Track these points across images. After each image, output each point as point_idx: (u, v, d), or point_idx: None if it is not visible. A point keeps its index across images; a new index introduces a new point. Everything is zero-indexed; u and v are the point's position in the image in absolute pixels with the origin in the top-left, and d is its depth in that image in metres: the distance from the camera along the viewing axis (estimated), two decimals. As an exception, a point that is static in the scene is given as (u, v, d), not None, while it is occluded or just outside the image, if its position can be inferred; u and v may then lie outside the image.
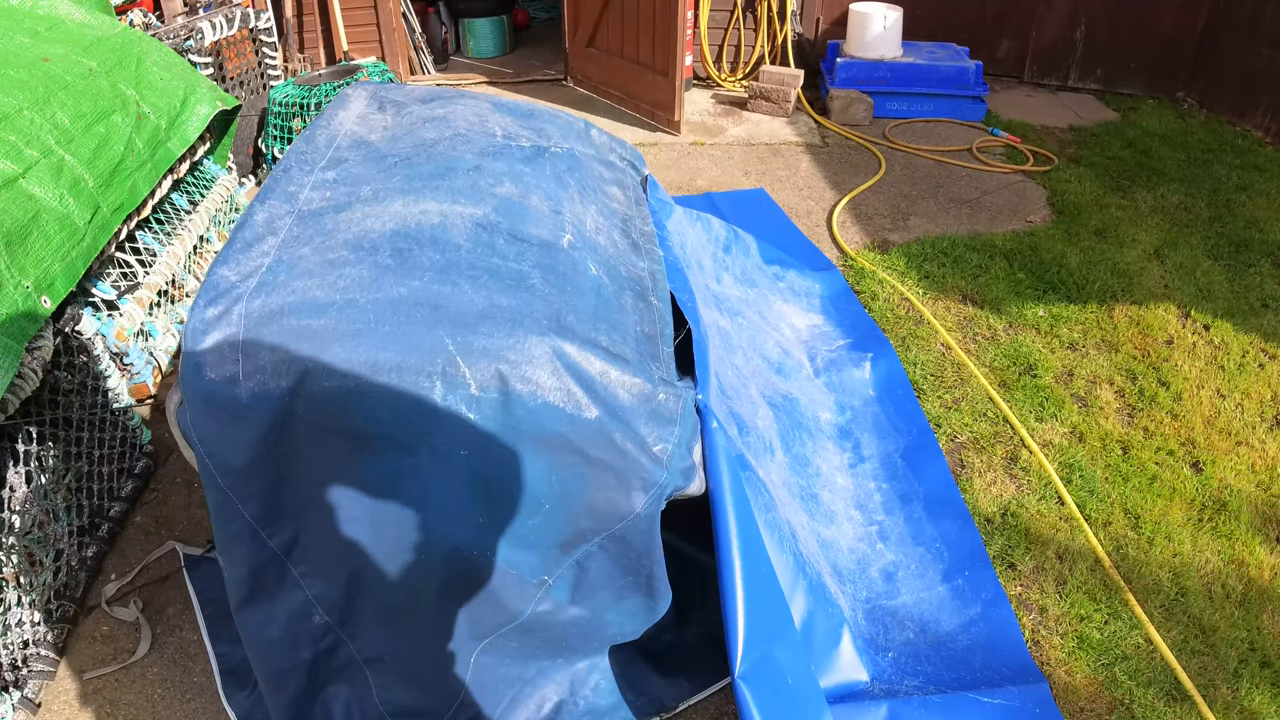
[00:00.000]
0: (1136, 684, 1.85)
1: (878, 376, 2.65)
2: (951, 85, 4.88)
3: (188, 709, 1.78)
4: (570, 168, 1.99)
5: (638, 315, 1.65)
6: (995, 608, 1.98)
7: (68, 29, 2.53)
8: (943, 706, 1.73)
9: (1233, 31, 4.84)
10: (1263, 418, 2.63)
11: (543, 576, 1.52)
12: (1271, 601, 2.04)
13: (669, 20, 4.40)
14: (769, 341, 2.51)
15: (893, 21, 4.84)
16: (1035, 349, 2.89)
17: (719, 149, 4.54)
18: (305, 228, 1.61)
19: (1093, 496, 2.31)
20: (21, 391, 1.71)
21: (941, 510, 2.22)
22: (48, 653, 1.82)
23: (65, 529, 1.99)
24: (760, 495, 1.71)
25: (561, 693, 1.72)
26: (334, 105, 2.13)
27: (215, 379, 1.34)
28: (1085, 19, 5.24)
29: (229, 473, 1.38)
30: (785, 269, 3.01)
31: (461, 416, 1.36)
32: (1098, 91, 5.43)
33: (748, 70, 5.35)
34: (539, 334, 1.41)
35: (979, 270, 3.35)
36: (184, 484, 2.33)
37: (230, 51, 3.75)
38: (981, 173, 4.27)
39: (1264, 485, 2.37)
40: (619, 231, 1.92)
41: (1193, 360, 2.86)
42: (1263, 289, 3.27)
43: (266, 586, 1.49)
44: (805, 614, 1.73)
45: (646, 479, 1.44)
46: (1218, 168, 4.31)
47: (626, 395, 1.44)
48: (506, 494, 1.43)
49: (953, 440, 2.50)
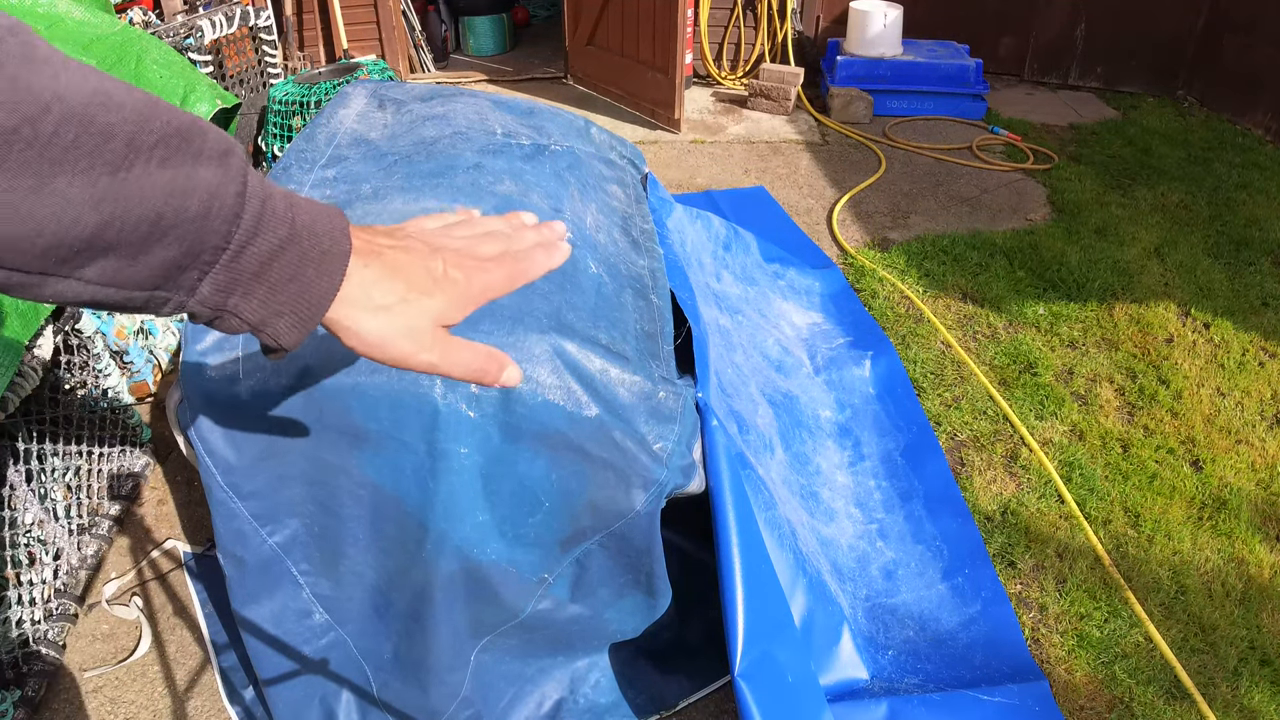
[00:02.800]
0: (1136, 682, 1.85)
1: (878, 374, 2.65)
2: (952, 83, 4.88)
3: (188, 707, 1.78)
4: (570, 166, 1.99)
5: (638, 313, 1.65)
6: (995, 606, 1.98)
7: (67, 27, 2.53)
8: (943, 704, 1.73)
9: (1233, 30, 4.84)
10: (1263, 416, 2.63)
11: (543, 574, 1.52)
12: (1271, 600, 2.04)
13: (669, 18, 4.40)
14: (769, 339, 2.51)
15: (893, 19, 4.83)
16: (1035, 347, 2.89)
17: (719, 147, 4.53)
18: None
19: (1093, 494, 2.31)
20: (22, 390, 1.71)
21: (941, 508, 2.22)
22: (48, 651, 1.82)
23: (65, 527, 1.99)
24: (760, 493, 1.71)
25: (562, 690, 1.72)
26: (334, 103, 2.13)
27: (215, 377, 1.34)
28: (1086, 17, 5.23)
29: (229, 470, 1.38)
30: (785, 267, 3.01)
31: (461, 414, 1.36)
32: (1098, 90, 5.42)
33: (748, 68, 5.35)
34: (539, 332, 1.41)
35: (979, 268, 3.35)
36: (184, 482, 2.33)
37: (230, 49, 3.74)
38: (982, 171, 4.27)
39: (1264, 483, 2.37)
40: (619, 229, 1.92)
41: (1193, 358, 2.86)
42: (1263, 287, 3.27)
43: (266, 584, 1.49)
44: (805, 612, 1.73)
45: (646, 477, 1.44)
46: (1218, 166, 4.31)
47: (626, 393, 1.44)
48: (506, 492, 1.43)
49: (953, 438, 2.50)
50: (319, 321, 0.51)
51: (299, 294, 0.49)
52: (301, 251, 0.49)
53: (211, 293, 0.46)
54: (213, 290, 0.46)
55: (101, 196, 0.40)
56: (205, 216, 0.44)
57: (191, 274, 0.45)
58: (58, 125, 0.38)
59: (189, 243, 0.44)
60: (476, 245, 0.59)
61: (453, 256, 0.56)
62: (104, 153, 0.40)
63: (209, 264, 0.45)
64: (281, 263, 0.48)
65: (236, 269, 0.47)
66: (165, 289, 0.45)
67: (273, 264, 0.48)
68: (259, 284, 0.48)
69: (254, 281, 0.47)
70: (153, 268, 0.44)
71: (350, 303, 0.51)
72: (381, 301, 0.52)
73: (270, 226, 0.47)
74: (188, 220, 0.43)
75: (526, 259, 0.60)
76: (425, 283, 0.54)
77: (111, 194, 0.40)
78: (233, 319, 0.48)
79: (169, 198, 0.42)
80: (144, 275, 0.44)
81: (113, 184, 0.40)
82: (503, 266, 0.58)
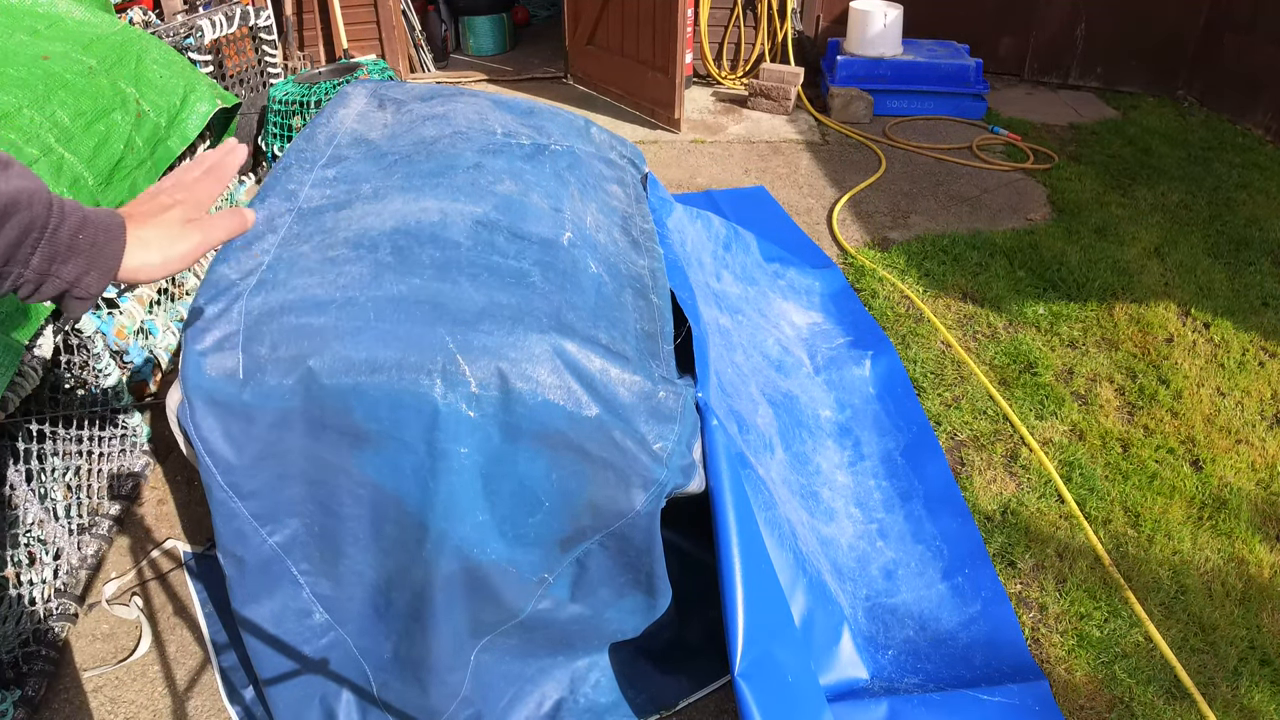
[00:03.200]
0: (1136, 682, 1.85)
1: (878, 374, 2.65)
2: (952, 83, 4.88)
3: (188, 707, 1.78)
4: (570, 165, 1.99)
5: (638, 313, 1.65)
6: (995, 605, 1.98)
7: (67, 26, 2.53)
8: (943, 704, 1.73)
9: (1233, 29, 4.84)
10: (1263, 416, 2.63)
11: (543, 574, 1.52)
12: (1271, 599, 2.04)
13: (669, 18, 4.40)
14: (769, 339, 2.51)
15: (893, 19, 4.83)
16: (1035, 347, 2.89)
17: (719, 147, 4.53)
18: (305, 225, 1.61)
19: (1092, 494, 2.31)
20: (22, 390, 1.71)
21: (941, 508, 2.22)
22: (48, 651, 1.82)
23: (65, 527, 1.99)
24: (760, 493, 1.71)
25: (562, 690, 1.72)
26: (334, 103, 2.13)
27: (215, 377, 1.34)
28: (1086, 16, 5.23)
29: (229, 470, 1.38)
30: (785, 266, 3.01)
31: (461, 414, 1.36)
32: (1098, 89, 5.42)
33: (748, 68, 5.35)
34: (539, 331, 1.41)
35: (979, 268, 3.35)
36: (184, 482, 2.33)
37: (230, 49, 3.74)
38: (982, 170, 4.27)
39: (1264, 483, 2.37)
40: (619, 229, 1.92)
41: (1193, 358, 2.86)
42: (1263, 287, 3.27)
43: (266, 584, 1.49)
44: (805, 612, 1.73)
45: (646, 477, 1.44)
46: (1218, 166, 4.31)
47: (626, 393, 1.44)
48: (506, 491, 1.43)
49: (953, 438, 2.50)
50: (117, 272, 0.75)
51: (99, 255, 0.74)
52: (95, 227, 0.74)
53: (40, 262, 0.70)
54: (41, 260, 0.70)
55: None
56: (30, 207, 0.69)
57: (26, 249, 0.69)
58: None
59: (24, 226, 0.68)
60: (186, 175, 0.87)
61: (172, 187, 0.85)
62: None
63: (37, 240, 0.70)
64: (84, 236, 0.72)
65: (56, 242, 0.71)
66: (11, 264, 0.69)
67: (78, 237, 0.72)
68: (72, 253, 0.72)
69: (68, 251, 0.72)
70: (2, 249, 0.68)
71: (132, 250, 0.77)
72: (146, 236, 0.78)
73: (70, 213, 0.72)
74: (20, 210, 0.68)
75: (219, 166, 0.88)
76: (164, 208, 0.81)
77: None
78: (55, 280, 0.72)
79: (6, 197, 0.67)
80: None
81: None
82: (209, 176, 0.87)
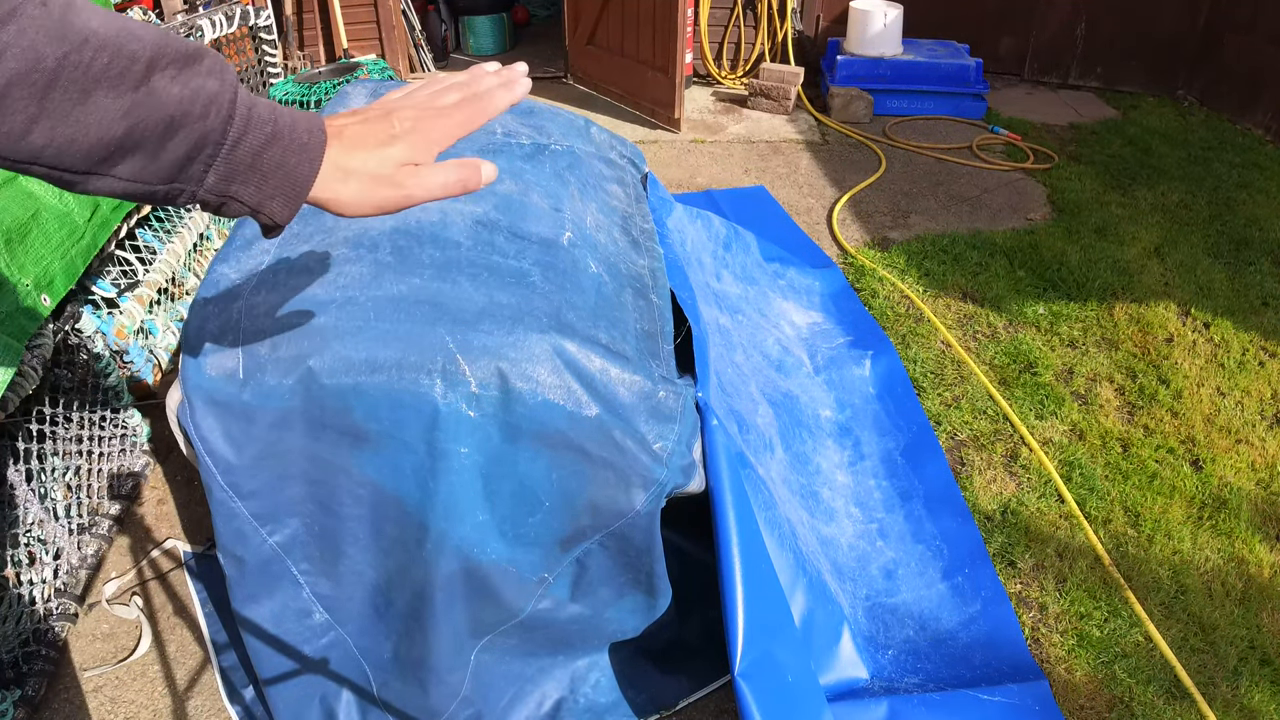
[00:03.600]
0: (1136, 681, 1.85)
1: (878, 374, 2.65)
2: (952, 83, 4.88)
3: (188, 707, 1.78)
4: (570, 165, 1.99)
5: (638, 313, 1.65)
6: (995, 605, 1.98)
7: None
8: (943, 704, 1.73)
9: (1234, 29, 4.84)
10: (1263, 416, 2.63)
11: (543, 574, 1.52)
12: (1271, 599, 2.04)
13: (669, 17, 4.40)
14: (769, 339, 2.51)
15: (893, 19, 4.83)
16: (1035, 347, 2.89)
17: (719, 146, 4.53)
18: (305, 225, 1.61)
19: (1092, 494, 2.31)
20: (21, 389, 1.71)
21: (941, 508, 2.22)
22: (48, 651, 1.82)
23: (65, 527, 1.99)
24: (760, 493, 1.71)
25: (562, 690, 1.72)
26: (334, 103, 2.12)
27: (215, 376, 1.34)
28: (1086, 16, 5.23)
29: (229, 470, 1.38)
30: (785, 266, 3.01)
31: (461, 414, 1.36)
32: (1098, 89, 5.42)
33: (748, 68, 5.35)
34: (539, 331, 1.41)
35: (979, 268, 3.35)
36: (184, 482, 2.33)
37: (230, 49, 3.74)
38: (982, 170, 4.27)
39: (1264, 483, 2.37)
40: (619, 229, 1.92)
41: (1193, 358, 2.86)
42: (1263, 287, 3.27)
43: (266, 584, 1.49)
44: (805, 611, 1.73)
45: (647, 476, 1.44)
46: (1218, 166, 4.31)
47: (626, 393, 1.43)
48: (506, 491, 1.43)
49: (953, 438, 2.50)
50: (305, 200, 0.63)
51: (286, 178, 0.61)
52: (285, 145, 0.60)
53: (216, 181, 0.58)
54: (216, 179, 0.58)
55: (129, 107, 0.52)
56: (206, 117, 0.56)
57: (198, 167, 0.57)
58: (95, 53, 0.50)
59: (195, 140, 0.56)
60: (436, 99, 0.69)
61: (410, 112, 0.67)
62: (130, 73, 0.52)
63: (211, 157, 0.57)
64: (270, 154, 0.60)
65: (234, 160, 0.58)
66: (180, 180, 0.57)
67: (263, 155, 0.59)
68: (253, 173, 0.60)
69: (249, 171, 0.59)
70: (169, 163, 0.56)
71: (326, 178, 0.63)
72: (349, 167, 0.64)
73: (257, 126, 0.59)
74: (193, 121, 0.55)
75: (486, 98, 0.70)
76: (384, 139, 0.65)
77: (137, 104, 0.53)
78: (235, 203, 0.60)
79: (179, 105, 0.54)
80: (163, 170, 0.56)
81: (137, 96, 0.52)
82: (461, 110, 0.69)
